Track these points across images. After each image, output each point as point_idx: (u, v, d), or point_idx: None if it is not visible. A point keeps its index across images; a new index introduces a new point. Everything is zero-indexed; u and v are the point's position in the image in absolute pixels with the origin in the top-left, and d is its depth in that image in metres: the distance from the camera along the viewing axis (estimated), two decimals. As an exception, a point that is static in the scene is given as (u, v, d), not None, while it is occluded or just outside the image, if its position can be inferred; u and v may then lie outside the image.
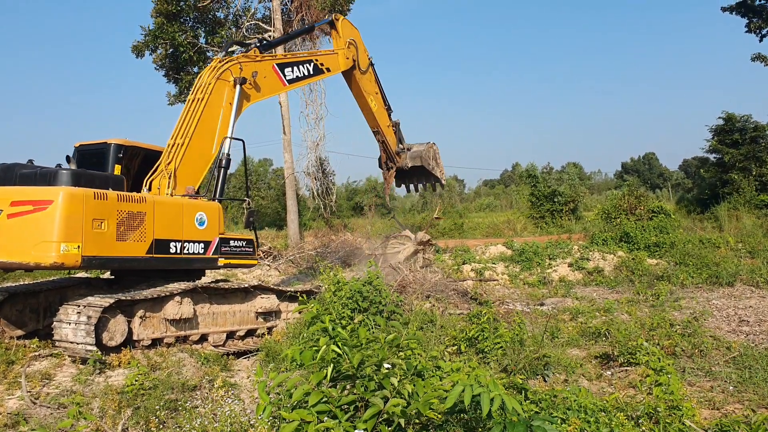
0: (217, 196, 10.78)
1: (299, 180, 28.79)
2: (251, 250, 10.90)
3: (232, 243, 10.53)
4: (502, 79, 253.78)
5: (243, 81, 11.17)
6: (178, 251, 9.62)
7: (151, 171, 10.29)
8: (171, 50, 26.51)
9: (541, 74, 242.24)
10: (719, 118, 30.43)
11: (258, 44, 12.46)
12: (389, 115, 15.73)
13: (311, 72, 13.13)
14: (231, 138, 10.97)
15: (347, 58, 14.07)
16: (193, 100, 10.85)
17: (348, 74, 14.40)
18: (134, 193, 9.28)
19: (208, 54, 27.20)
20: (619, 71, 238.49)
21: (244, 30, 27.57)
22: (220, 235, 10.32)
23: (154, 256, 9.24)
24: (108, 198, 8.61)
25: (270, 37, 26.67)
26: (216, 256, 10.24)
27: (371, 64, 14.92)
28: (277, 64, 12.26)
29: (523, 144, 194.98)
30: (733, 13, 30.40)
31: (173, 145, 10.43)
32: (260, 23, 27.65)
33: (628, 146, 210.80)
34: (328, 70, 13.63)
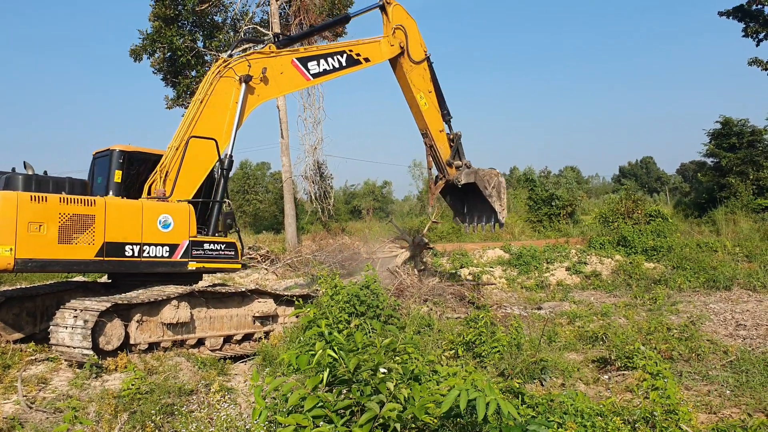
0: (217, 198, 10.66)
1: (297, 184, 28.84)
2: (233, 253, 10.54)
3: (206, 246, 10.19)
4: (499, 82, 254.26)
5: (248, 78, 10.85)
6: (136, 254, 9.43)
7: (152, 174, 10.32)
8: (169, 54, 26.53)
9: (539, 78, 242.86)
10: (716, 122, 30.62)
11: (275, 40, 12.08)
12: (447, 121, 14.07)
13: (344, 64, 12.26)
14: (233, 141, 10.77)
15: (392, 45, 12.89)
16: (194, 102, 10.79)
17: (394, 62, 13.20)
18: (82, 196, 9.17)
19: (206, 58, 27.25)
20: (616, 75, 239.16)
21: (242, 34, 27.62)
22: (192, 238, 10.02)
23: (105, 259, 9.10)
24: (48, 201, 8.59)
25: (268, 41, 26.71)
26: (185, 260, 9.91)
27: (427, 59, 13.47)
28: (297, 59, 11.69)
29: (520, 148, 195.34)
30: (730, 17, 30.50)
31: (171, 148, 10.42)
32: (258, 27, 27.68)
33: (625, 150, 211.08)
34: (367, 60, 12.56)
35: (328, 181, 29.69)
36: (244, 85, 10.86)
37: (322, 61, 11.98)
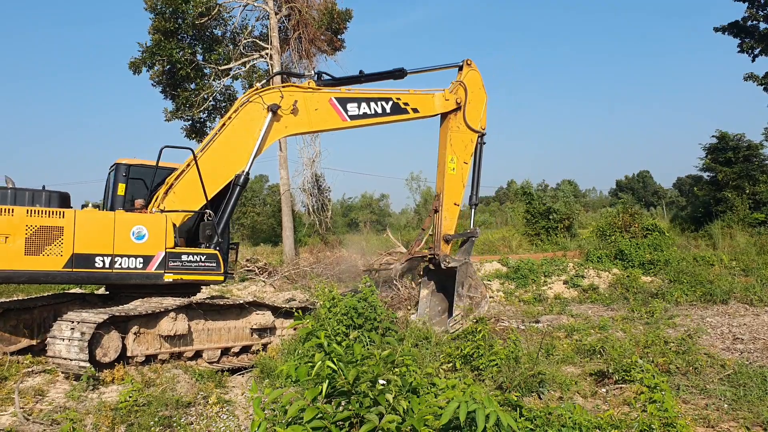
0: (227, 212, 10.68)
1: (295, 196, 28.90)
2: (214, 264, 10.37)
3: (184, 258, 10.07)
4: (497, 95, 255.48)
5: (275, 108, 10.80)
6: (107, 266, 9.41)
7: (162, 187, 10.39)
8: (168, 67, 26.65)
9: (536, 91, 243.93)
10: (713, 136, 30.81)
11: (317, 78, 11.85)
12: (472, 205, 13.30)
13: (388, 110, 11.89)
14: (251, 162, 10.82)
15: (446, 100, 12.52)
16: (220, 123, 10.95)
17: (444, 116, 12.78)
18: (50, 208, 9.24)
19: (205, 71, 27.37)
20: (613, 89, 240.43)
21: (241, 47, 27.76)
22: (168, 250, 9.92)
23: (74, 270, 9.14)
24: (14, 213, 8.76)
25: (267, 55, 26.86)
26: (160, 272, 9.82)
27: (482, 135, 12.94)
28: (336, 98, 11.49)
29: (518, 161, 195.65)
30: (726, 33, 30.77)
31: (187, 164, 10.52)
32: (257, 41, 27.86)
33: (622, 164, 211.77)
34: (416, 111, 12.18)
35: (326, 194, 29.78)
36: (270, 113, 10.83)
37: (363, 104, 11.69)
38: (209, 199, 10.40)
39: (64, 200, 9.94)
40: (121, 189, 10.25)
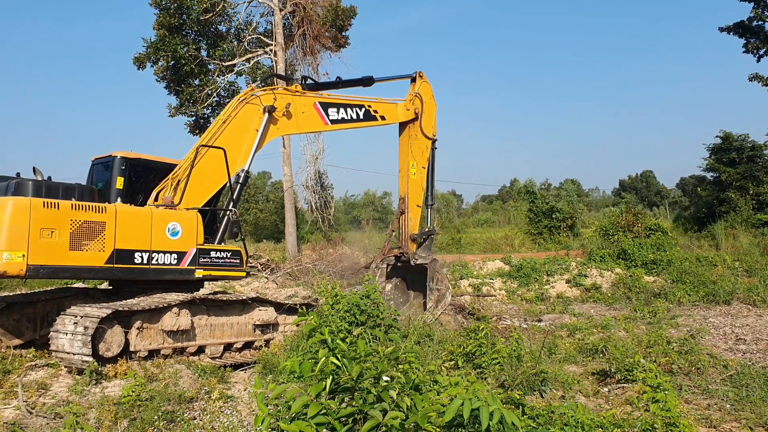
0: (230, 207, 10.81)
1: (298, 193, 28.89)
2: (238, 261, 10.60)
3: (213, 254, 10.24)
4: (501, 95, 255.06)
5: (272, 109, 11.18)
6: (145, 262, 9.42)
7: (162, 182, 10.38)
8: (172, 62, 26.65)
9: (540, 91, 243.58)
10: (717, 137, 30.70)
11: (302, 81, 12.56)
12: (428, 206, 14.02)
13: (361, 117, 12.81)
14: (250, 160, 11.02)
15: (407, 110, 13.48)
16: (217, 121, 11.06)
17: (403, 126, 13.75)
18: (93, 203, 9.14)
19: (209, 67, 27.37)
20: (617, 89, 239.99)
21: (245, 44, 27.75)
22: (199, 246, 10.05)
23: (115, 266, 9.08)
24: (60, 207, 8.54)
25: (271, 51, 26.86)
26: (192, 267, 9.95)
27: (434, 141, 13.87)
28: (319, 102, 12.19)
29: (521, 160, 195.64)
30: (731, 33, 30.68)
31: (187, 159, 10.52)
32: (262, 37, 27.84)
33: (625, 164, 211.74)
34: (383, 118, 13.17)
35: (329, 191, 29.76)
36: (267, 114, 11.15)
37: (342, 109, 12.47)
38: (212, 194, 10.49)
39: (93, 195, 9.87)
40: (120, 182, 10.20)
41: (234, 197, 10.81)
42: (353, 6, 28.22)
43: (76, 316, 8.38)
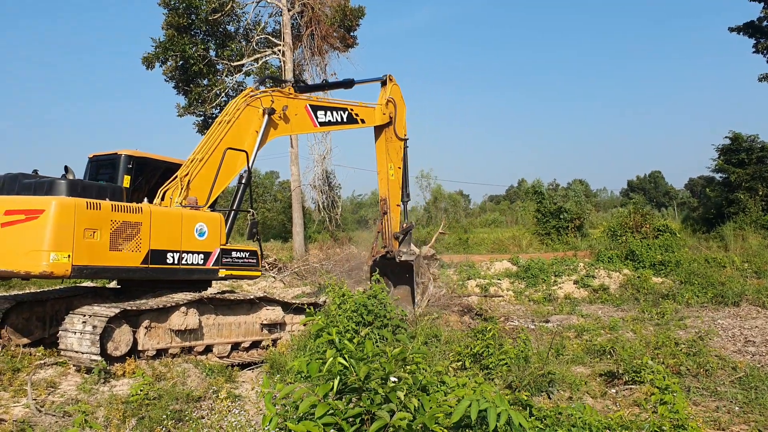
0: (233, 207, 11.06)
1: (305, 193, 28.92)
2: (255, 261, 10.84)
3: (234, 254, 10.47)
4: (509, 95, 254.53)
5: (272, 111, 11.54)
6: (176, 262, 9.56)
7: (168, 182, 10.42)
8: (181, 62, 26.73)
9: (546, 91, 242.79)
10: (726, 137, 30.53)
11: (293, 83, 12.97)
12: (404, 202, 14.67)
13: (344, 119, 13.46)
14: (252, 161, 11.27)
15: (383, 114, 14.26)
16: (220, 122, 11.19)
17: (379, 131, 14.56)
18: (130, 203, 9.23)
19: (218, 67, 27.44)
20: (623, 90, 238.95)
21: (254, 44, 27.80)
22: (222, 246, 10.26)
23: (150, 266, 9.17)
24: (101, 208, 8.58)
25: (279, 51, 26.93)
26: (216, 267, 10.17)
27: (405, 141, 14.73)
28: (310, 105, 12.69)
29: (528, 160, 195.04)
30: (741, 33, 30.53)
31: (193, 160, 10.59)
32: (270, 37, 27.89)
33: (634, 164, 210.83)
34: (363, 121, 13.91)
35: (336, 191, 29.83)
36: (266, 116, 11.46)
37: (329, 112, 13.12)
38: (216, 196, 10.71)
39: (120, 195, 9.85)
40: (127, 181, 10.27)
41: (239, 198, 11.07)
42: (361, 6, 28.26)
43: (84, 315, 8.41)
